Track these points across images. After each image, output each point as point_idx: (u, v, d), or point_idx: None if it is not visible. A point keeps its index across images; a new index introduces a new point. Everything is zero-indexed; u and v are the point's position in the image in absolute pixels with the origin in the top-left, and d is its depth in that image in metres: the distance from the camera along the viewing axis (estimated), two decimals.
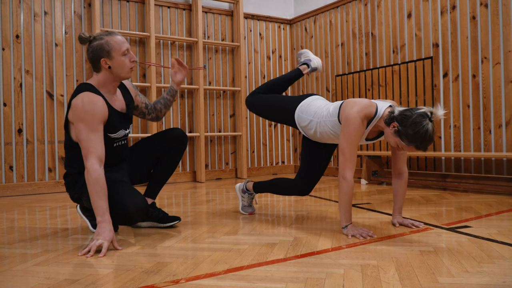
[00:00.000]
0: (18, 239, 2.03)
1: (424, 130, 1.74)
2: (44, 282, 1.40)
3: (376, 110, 1.93)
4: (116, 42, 1.89)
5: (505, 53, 3.22)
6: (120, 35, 1.94)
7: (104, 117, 1.88)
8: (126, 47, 1.91)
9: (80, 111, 1.82)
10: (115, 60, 1.89)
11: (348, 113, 1.92)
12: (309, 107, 2.20)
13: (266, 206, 2.87)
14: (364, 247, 1.75)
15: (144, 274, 1.47)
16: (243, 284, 1.35)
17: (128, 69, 1.93)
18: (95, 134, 1.83)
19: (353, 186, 1.94)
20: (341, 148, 1.94)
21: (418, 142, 1.76)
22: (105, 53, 1.88)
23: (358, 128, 1.90)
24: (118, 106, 2.01)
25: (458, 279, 1.35)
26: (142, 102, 2.21)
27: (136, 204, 1.87)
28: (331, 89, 4.79)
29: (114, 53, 1.88)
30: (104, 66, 1.89)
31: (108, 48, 1.88)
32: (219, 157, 4.79)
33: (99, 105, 1.85)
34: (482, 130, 3.38)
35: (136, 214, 1.88)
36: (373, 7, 4.26)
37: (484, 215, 2.37)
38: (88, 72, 4.03)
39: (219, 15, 4.80)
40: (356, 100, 1.98)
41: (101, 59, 1.89)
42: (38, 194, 3.74)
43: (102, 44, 1.88)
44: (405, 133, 1.77)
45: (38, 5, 3.81)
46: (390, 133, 1.85)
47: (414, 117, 1.75)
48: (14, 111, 3.69)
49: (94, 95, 1.87)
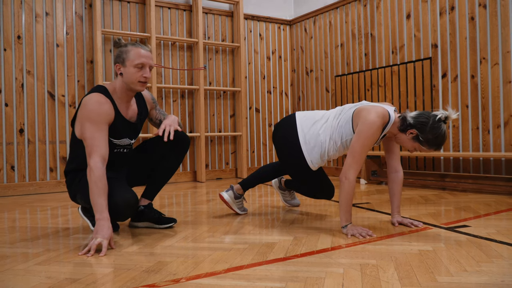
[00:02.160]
0: (20, 239, 2.04)
1: (442, 134, 1.89)
2: (45, 281, 1.41)
3: (389, 116, 1.98)
4: (135, 53, 1.93)
5: (504, 53, 3.24)
6: (146, 50, 1.96)
7: (109, 119, 1.92)
8: (142, 61, 1.93)
9: (88, 109, 1.88)
10: (127, 69, 1.94)
11: (366, 118, 1.94)
12: (309, 130, 2.18)
13: (266, 205, 2.88)
14: (364, 246, 1.76)
15: (144, 273, 1.47)
16: (243, 283, 1.36)
17: (137, 82, 1.95)
18: (100, 133, 1.86)
19: (354, 186, 1.96)
20: (353, 150, 1.95)
21: (438, 145, 1.92)
22: (121, 60, 1.95)
23: (375, 133, 1.94)
24: (128, 115, 2.05)
25: (456, 278, 1.35)
26: (157, 118, 2.23)
27: (126, 198, 1.88)
28: (331, 89, 4.81)
29: (128, 62, 1.93)
30: (117, 71, 1.97)
31: (125, 56, 1.94)
32: (219, 157, 4.80)
33: (105, 107, 1.90)
34: (480, 130, 3.40)
35: (126, 208, 1.88)
36: (373, 8, 4.27)
37: (483, 214, 2.38)
38: (89, 72, 4.05)
39: (219, 16, 4.81)
40: (370, 107, 1.98)
41: (116, 64, 1.97)
42: (40, 194, 3.76)
43: (122, 50, 1.95)
44: (426, 139, 1.91)
45: (40, 6, 3.82)
46: (407, 139, 1.96)
47: (431, 123, 1.89)
48: (15, 111, 3.71)
49: (103, 97, 1.92)
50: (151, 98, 2.22)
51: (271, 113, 5.19)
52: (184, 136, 2.17)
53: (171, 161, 2.20)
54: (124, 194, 1.89)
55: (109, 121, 1.92)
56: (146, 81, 1.97)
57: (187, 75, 4.62)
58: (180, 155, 2.20)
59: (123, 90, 1.99)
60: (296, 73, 5.32)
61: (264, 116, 5.13)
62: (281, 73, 5.28)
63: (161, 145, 2.16)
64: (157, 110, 2.24)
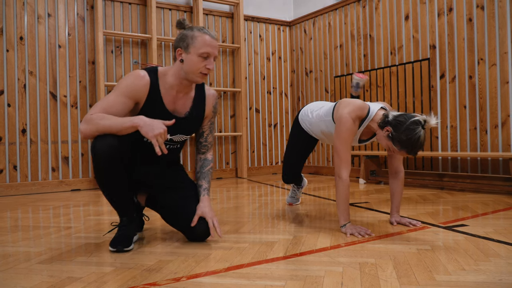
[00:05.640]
0: (22, 238, 2.05)
1: (416, 137, 1.78)
2: (47, 280, 1.41)
3: (368, 111, 1.99)
4: (202, 40, 1.71)
5: (501, 54, 3.25)
6: (214, 37, 1.74)
7: (136, 94, 1.71)
8: (208, 51, 1.71)
9: (120, 81, 1.73)
10: (190, 56, 1.72)
11: (340, 114, 2.00)
12: (308, 110, 2.39)
13: (266, 205, 2.89)
14: (363, 245, 1.77)
15: (145, 272, 1.48)
16: (243, 281, 1.36)
17: (198, 72, 1.73)
18: (118, 96, 1.67)
19: (348, 184, 1.98)
20: (335, 148, 2.01)
21: (409, 148, 1.81)
22: (185, 45, 1.73)
23: (350, 127, 1.96)
24: (173, 107, 1.80)
25: (455, 277, 1.36)
26: (203, 131, 1.95)
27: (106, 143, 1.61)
28: (330, 90, 4.82)
29: (192, 49, 1.71)
30: (178, 56, 1.75)
31: (190, 42, 1.71)
32: (220, 157, 4.82)
33: (138, 82, 1.71)
34: (478, 130, 3.41)
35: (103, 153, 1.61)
36: (371, 10, 4.29)
37: (481, 214, 2.39)
38: (91, 73, 4.06)
39: (219, 17, 4.83)
40: (349, 101, 2.06)
41: (178, 48, 1.75)
42: (42, 193, 3.77)
43: (187, 34, 1.73)
44: (398, 138, 1.82)
45: (42, 7, 3.84)
46: (383, 136, 1.90)
47: (407, 124, 1.80)
48: (18, 111, 3.72)
49: (145, 74, 1.73)
50: (213, 105, 1.93)
51: (271, 114, 5.21)
52: (203, 231, 1.87)
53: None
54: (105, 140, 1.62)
55: (136, 98, 1.70)
56: (209, 73, 1.76)
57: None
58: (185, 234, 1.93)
59: (178, 78, 1.76)
60: (296, 74, 5.33)
61: (264, 116, 5.15)
62: (281, 74, 5.30)
63: (183, 223, 1.88)
64: (210, 122, 1.95)
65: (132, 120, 1.59)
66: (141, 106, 1.74)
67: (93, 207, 2.99)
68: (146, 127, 1.57)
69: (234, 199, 3.24)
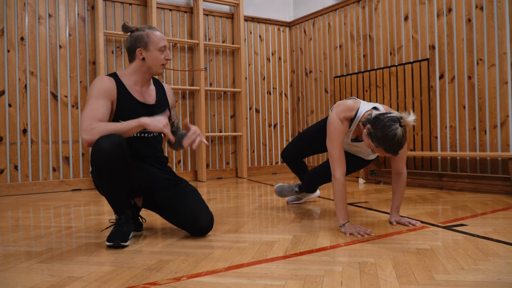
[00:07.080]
0: (23, 237, 2.06)
1: (392, 134, 1.76)
2: (48, 279, 1.42)
3: (356, 111, 2.01)
4: (155, 36, 1.93)
5: (500, 55, 3.26)
6: (160, 31, 1.97)
7: (109, 94, 1.86)
8: (164, 44, 1.94)
9: (90, 88, 1.87)
10: (150, 53, 1.93)
11: (330, 115, 2.05)
12: None
13: (266, 205, 2.90)
14: (362, 245, 1.78)
15: (146, 272, 1.48)
16: (243, 281, 1.37)
17: (160, 65, 1.95)
18: (98, 102, 1.80)
19: (344, 183, 1.98)
20: (328, 149, 2.04)
21: (386, 145, 1.79)
22: (143, 44, 1.93)
23: (338, 127, 1.99)
24: (142, 98, 1.98)
25: (454, 276, 1.36)
26: (175, 122, 2.15)
27: (111, 140, 1.70)
28: (329, 90, 4.83)
29: (151, 46, 1.92)
30: (138, 56, 1.94)
31: (147, 40, 1.92)
32: (220, 157, 4.83)
33: (104, 81, 1.88)
34: (477, 130, 3.42)
35: (109, 149, 1.69)
36: (371, 10, 4.30)
37: (480, 213, 2.40)
38: (91, 73, 4.07)
39: (219, 18, 4.84)
40: (340, 102, 2.10)
41: (137, 49, 1.93)
42: (42, 193, 3.78)
43: (142, 35, 1.93)
44: (375, 135, 1.81)
45: (43, 8, 3.85)
46: (365, 134, 1.91)
47: (385, 121, 1.79)
48: (19, 111, 3.73)
49: (107, 77, 1.91)
50: (172, 94, 2.17)
51: (270, 114, 5.22)
52: (205, 226, 1.96)
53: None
54: (109, 137, 1.71)
55: (110, 97, 1.86)
56: (167, 63, 1.98)
57: (188, 76, 4.65)
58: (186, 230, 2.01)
59: (140, 74, 1.96)
60: (296, 74, 5.34)
61: (264, 116, 5.16)
62: (281, 74, 5.31)
63: (177, 219, 1.98)
64: (174, 110, 2.17)
65: (138, 120, 1.76)
66: (115, 104, 1.90)
67: (93, 207, 2.99)
68: (153, 123, 1.76)
69: (234, 199, 3.25)
